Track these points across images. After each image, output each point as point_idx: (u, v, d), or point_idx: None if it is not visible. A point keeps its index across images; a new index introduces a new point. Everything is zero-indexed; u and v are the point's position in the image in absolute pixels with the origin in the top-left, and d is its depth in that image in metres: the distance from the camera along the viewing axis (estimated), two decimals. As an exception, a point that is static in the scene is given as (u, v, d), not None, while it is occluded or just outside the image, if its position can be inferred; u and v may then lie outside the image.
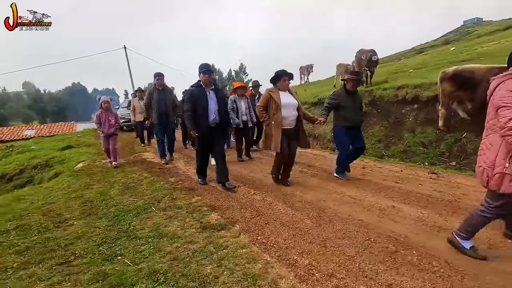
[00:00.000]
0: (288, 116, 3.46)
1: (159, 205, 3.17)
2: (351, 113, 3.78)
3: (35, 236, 2.61)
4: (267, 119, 3.50)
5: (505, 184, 1.72)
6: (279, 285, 1.75)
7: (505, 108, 1.66)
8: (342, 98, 3.81)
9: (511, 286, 1.67)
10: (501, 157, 1.73)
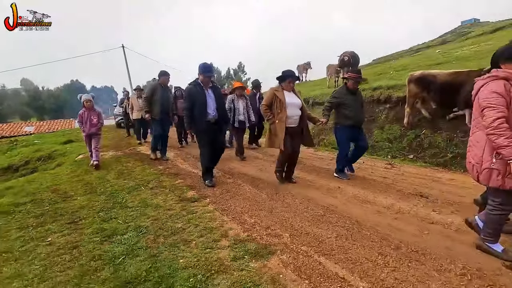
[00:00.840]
0: (292, 115, 3.57)
1: (147, 186, 3.89)
2: (353, 112, 3.84)
3: (47, 207, 3.33)
4: (271, 117, 3.60)
5: (493, 178, 1.83)
6: (228, 233, 2.46)
7: (490, 108, 1.76)
8: (344, 97, 3.89)
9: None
10: (488, 154, 1.84)
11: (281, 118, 3.52)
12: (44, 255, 2.28)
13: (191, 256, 2.12)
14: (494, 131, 1.74)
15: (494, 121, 1.73)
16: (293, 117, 3.60)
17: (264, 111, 3.68)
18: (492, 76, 1.84)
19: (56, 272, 2.04)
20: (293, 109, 3.58)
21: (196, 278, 1.85)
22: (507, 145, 1.70)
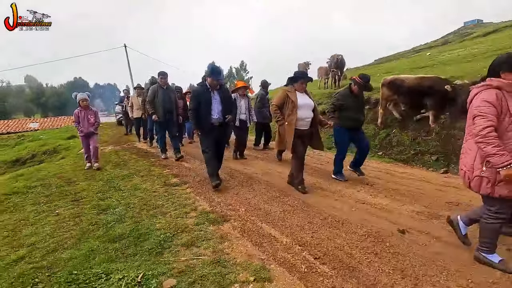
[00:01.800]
0: (305, 117, 3.53)
1: (139, 174, 4.60)
2: (353, 114, 3.90)
3: (54, 189, 4.06)
4: (281, 118, 3.55)
5: (483, 186, 1.87)
6: (197, 208, 3.16)
7: (480, 117, 1.80)
8: (347, 99, 3.93)
9: None
10: (478, 161, 1.88)
11: (291, 120, 3.46)
12: (53, 221, 3.00)
13: (165, 222, 2.82)
14: (482, 139, 1.78)
15: (483, 129, 1.78)
16: (305, 119, 3.55)
17: (274, 111, 3.60)
18: (485, 85, 1.87)
19: (62, 232, 2.75)
20: (305, 111, 3.53)
21: (165, 235, 2.55)
22: (495, 153, 1.75)
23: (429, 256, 2.17)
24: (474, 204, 3.09)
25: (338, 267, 2.06)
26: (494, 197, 1.87)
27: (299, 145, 3.55)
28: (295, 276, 1.96)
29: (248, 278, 1.94)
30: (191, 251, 2.30)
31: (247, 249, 2.32)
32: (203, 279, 1.93)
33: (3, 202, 3.59)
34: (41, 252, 2.39)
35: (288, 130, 3.49)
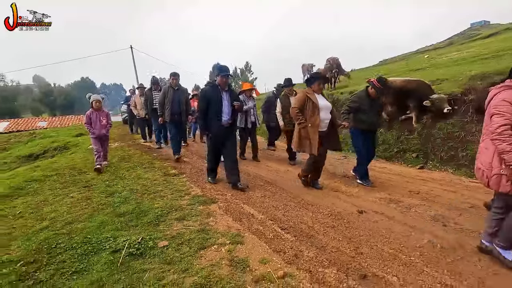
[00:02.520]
0: (324, 119, 3.58)
1: (142, 166, 5.17)
2: (369, 117, 3.89)
3: (67, 178, 4.65)
4: (303, 121, 3.55)
5: (503, 184, 1.90)
6: (191, 193, 3.70)
7: (498, 115, 1.85)
8: (363, 102, 3.91)
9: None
10: (497, 160, 1.91)
11: (314, 122, 3.50)
12: (69, 202, 3.57)
13: (162, 203, 3.37)
14: (498, 136, 1.83)
15: (499, 127, 1.82)
16: (324, 121, 3.60)
17: (296, 114, 3.59)
18: (505, 86, 1.93)
19: (77, 210, 3.32)
20: (325, 113, 3.59)
21: (162, 212, 3.10)
22: (510, 150, 1.79)
23: (376, 230, 2.67)
24: (434, 193, 3.57)
25: (298, 235, 2.57)
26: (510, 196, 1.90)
27: (320, 147, 3.57)
28: (262, 240, 2.49)
29: (225, 241, 2.46)
30: (182, 223, 2.85)
31: (228, 223, 2.85)
32: (189, 242, 2.47)
33: (25, 188, 4.18)
34: (60, 224, 2.95)
35: (312, 132, 3.49)
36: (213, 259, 2.22)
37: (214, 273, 2.03)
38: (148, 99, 6.95)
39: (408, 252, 2.29)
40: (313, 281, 1.95)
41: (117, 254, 2.31)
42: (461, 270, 2.04)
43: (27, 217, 3.19)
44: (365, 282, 1.94)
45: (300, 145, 3.66)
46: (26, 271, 2.17)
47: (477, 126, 5.17)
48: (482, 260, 2.15)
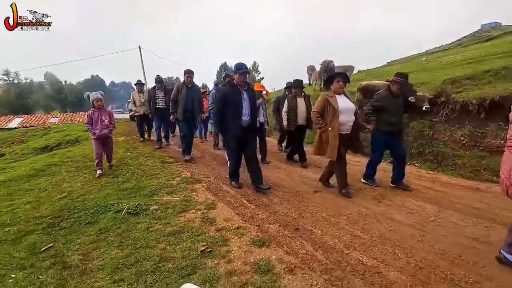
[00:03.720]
0: (347, 122, 3.49)
1: (144, 156, 6.04)
2: (394, 117, 3.76)
3: (80, 163, 5.55)
4: (323, 125, 3.53)
5: None
6: (182, 176, 4.52)
7: None
8: (387, 101, 3.78)
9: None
10: None
11: (334, 126, 3.44)
12: (82, 180, 4.44)
13: (157, 182, 4.19)
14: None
15: None
16: (347, 124, 3.51)
17: (316, 118, 3.58)
18: None
19: (89, 186, 4.18)
20: (347, 115, 3.49)
21: (156, 188, 3.93)
22: None
23: (323, 203, 3.42)
24: (384, 179, 4.27)
25: (259, 205, 3.35)
26: None
27: (342, 151, 3.53)
28: (230, 207, 3.28)
29: (201, 208, 3.27)
30: (171, 195, 3.67)
31: (206, 196, 3.65)
32: (174, 207, 3.28)
33: (46, 170, 5.10)
34: (76, 195, 3.81)
35: (332, 136, 3.45)
36: (189, 217, 3.02)
37: (188, 225, 2.84)
38: (152, 98, 6.93)
39: (338, 217, 3.04)
40: (259, 231, 2.72)
41: (119, 213, 3.14)
42: (371, 228, 2.78)
43: (50, 191, 4.07)
44: (296, 232, 2.70)
45: (319, 150, 3.65)
46: (53, 222, 3.02)
47: (444, 126, 5.85)
48: (385, 222, 2.88)
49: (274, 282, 1.98)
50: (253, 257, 2.29)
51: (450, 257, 2.29)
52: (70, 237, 2.72)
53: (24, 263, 2.32)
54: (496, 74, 6.31)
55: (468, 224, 2.85)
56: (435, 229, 2.77)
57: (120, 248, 2.47)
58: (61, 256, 2.40)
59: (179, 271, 2.11)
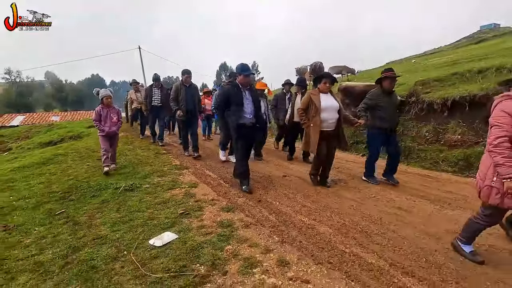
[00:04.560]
0: (329, 119, 3.68)
1: (140, 148, 6.79)
2: (387, 114, 3.90)
3: (84, 154, 6.30)
4: (306, 121, 3.78)
5: (492, 196, 1.94)
6: (172, 164, 5.25)
7: (496, 127, 1.88)
8: (380, 98, 3.92)
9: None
10: (491, 171, 1.94)
11: (316, 122, 3.66)
12: (86, 167, 5.19)
13: (150, 168, 4.93)
14: (494, 148, 1.85)
15: (495, 139, 1.85)
16: (329, 121, 3.70)
17: (300, 114, 3.83)
18: (506, 95, 1.93)
19: (92, 171, 4.91)
20: (330, 113, 3.68)
21: (149, 172, 4.67)
22: (503, 163, 1.81)
23: (287, 184, 4.14)
24: (351, 169, 4.99)
25: (233, 185, 4.08)
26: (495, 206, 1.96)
27: (323, 147, 3.74)
28: (209, 186, 4.01)
29: (185, 186, 4.00)
30: (161, 178, 4.40)
31: (191, 178, 4.39)
32: (163, 186, 4.02)
33: (53, 159, 5.85)
34: (81, 177, 4.55)
35: (313, 131, 3.70)
36: (175, 193, 3.76)
37: (173, 198, 3.57)
38: (148, 96, 7.20)
39: (296, 193, 3.76)
40: (228, 202, 3.45)
41: (117, 190, 3.88)
42: (320, 201, 3.50)
43: (58, 175, 4.81)
44: (259, 203, 3.43)
45: (305, 145, 3.96)
46: (63, 196, 3.76)
47: (413, 123, 6.59)
48: (333, 197, 3.60)
49: (232, 232, 2.70)
50: (220, 218, 3.01)
51: (372, 219, 3.01)
52: (78, 206, 3.45)
53: (44, 222, 3.06)
54: (462, 76, 7.02)
55: (401, 199, 3.56)
56: (371, 201, 3.50)
57: (118, 212, 3.21)
58: (72, 217, 3.14)
59: (161, 225, 2.84)
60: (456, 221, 2.87)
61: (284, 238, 2.61)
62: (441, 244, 2.49)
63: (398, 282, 1.99)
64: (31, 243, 2.62)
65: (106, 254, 2.37)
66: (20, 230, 2.88)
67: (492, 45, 12.70)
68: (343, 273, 2.09)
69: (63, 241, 2.63)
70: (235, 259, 2.26)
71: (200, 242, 2.51)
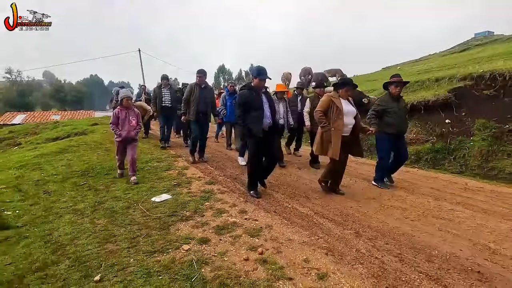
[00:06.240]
0: (348, 124, 3.70)
1: (140, 141, 7.93)
2: (397, 119, 3.98)
3: (93, 146, 7.45)
4: (326, 124, 3.69)
5: None
6: (169, 153, 6.40)
7: None
8: (388, 104, 4.01)
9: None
10: None
11: (338, 126, 3.62)
12: (96, 155, 6.34)
13: (150, 156, 6.10)
14: None
15: None
16: (348, 126, 3.72)
17: (320, 117, 3.72)
18: None
19: (103, 158, 6.06)
20: (349, 118, 3.70)
21: (149, 159, 5.82)
22: None
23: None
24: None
25: (217, 167, 5.24)
26: None
27: (342, 152, 3.67)
28: (198, 169, 5.17)
29: (178, 168, 5.16)
30: (158, 163, 5.57)
31: (183, 164, 5.55)
32: (161, 168, 5.18)
33: (67, 149, 6.99)
34: (94, 162, 5.69)
35: (334, 136, 3.63)
36: (170, 173, 4.91)
37: (168, 176, 4.73)
38: (157, 96, 7.20)
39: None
40: (211, 178, 4.60)
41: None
42: (282, 179, 4.65)
43: (75, 160, 5.96)
44: (234, 180, 4.57)
45: (322, 149, 3.82)
46: (83, 174, 4.91)
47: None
48: (295, 177, 4.74)
49: (211, 195, 3.85)
50: (203, 188, 4.17)
51: (311, 187, 4.16)
52: (96, 180, 4.60)
53: (72, 189, 4.20)
54: (422, 84, 8.22)
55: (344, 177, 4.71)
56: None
57: (127, 184, 4.36)
58: (92, 186, 4.28)
59: (160, 191, 4.00)
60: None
61: (247, 199, 3.76)
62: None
63: (316, 222, 3.14)
64: (67, 200, 3.77)
65: (122, 205, 3.52)
66: (57, 194, 4.02)
67: (468, 55, 13.93)
68: (281, 217, 3.23)
69: (90, 198, 3.78)
70: (211, 209, 3.41)
71: (187, 200, 3.66)
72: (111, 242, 2.65)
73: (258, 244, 2.60)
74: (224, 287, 2.02)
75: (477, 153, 5.66)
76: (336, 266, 2.29)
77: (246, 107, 3.68)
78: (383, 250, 2.56)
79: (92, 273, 2.18)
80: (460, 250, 2.57)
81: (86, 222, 3.09)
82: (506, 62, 7.20)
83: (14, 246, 2.61)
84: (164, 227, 2.94)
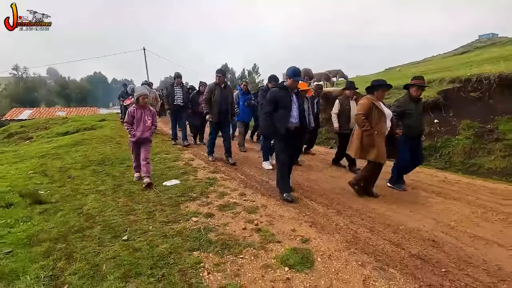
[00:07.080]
0: (388, 126, 3.72)
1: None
2: (415, 122, 4.01)
3: (104, 140, 8.04)
4: (369, 128, 3.66)
5: None
6: (176, 147, 6.97)
7: None
8: (407, 106, 4.04)
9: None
10: None
11: (381, 129, 3.63)
12: (109, 148, 6.92)
13: (159, 149, 6.68)
14: None
15: None
16: (388, 128, 3.75)
17: (362, 121, 3.69)
18: None
19: (114, 151, 6.64)
20: (388, 121, 3.73)
21: (158, 151, 6.40)
22: None
23: (260, 160, 5.83)
24: (306, 161, 6.67)
25: (219, 159, 5.78)
26: None
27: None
28: (203, 160, 5.73)
29: (184, 159, 5.72)
30: (167, 154, 6.14)
31: (189, 156, 6.11)
32: (169, 159, 5.76)
33: (82, 142, 7.59)
34: (108, 153, 6.27)
35: (379, 140, 3.64)
36: (178, 163, 5.48)
37: (176, 165, 5.30)
38: (170, 95, 7.14)
39: (257, 166, 5.45)
40: (215, 168, 5.15)
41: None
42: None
43: (91, 151, 6.54)
44: (236, 169, 5.11)
45: (363, 152, 3.78)
46: (100, 163, 5.49)
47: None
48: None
49: (215, 182, 4.40)
50: (208, 175, 4.73)
51: (314, 181, 4.71)
52: (112, 167, 5.18)
53: (92, 175, 4.78)
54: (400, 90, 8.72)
55: (336, 174, 5.24)
56: (320, 175, 5.18)
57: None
58: (110, 173, 4.86)
59: (170, 177, 4.56)
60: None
61: (246, 185, 4.32)
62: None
63: (305, 204, 3.68)
64: (89, 183, 4.35)
65: (138, 187, 4.09)
66: (79, 179, 4.60)
67: (466, 57, 14.39)
68: (276, 199, 3.77)
69: (109, 182, 4.35)
70: (215, 192, 3.97)
71: (194, 185, 4.22)
72: (132, 214, 3.21)
73: (254, 218, 3.15)
74: (226, 245, 2.57)
75: (460, 150, 6.16)
76: (318, 234, 2.83)
77: (275, 104, 3.72)
78: (358, 224, 3.10)
79: (120, 234, 2.74)
80: (423, 225, 3.10)
81: (109, 200, 3.66)
82: (493, 66, 7.67)
83: (53, 216, 3.18)
84: (175, 204, 3.50)
